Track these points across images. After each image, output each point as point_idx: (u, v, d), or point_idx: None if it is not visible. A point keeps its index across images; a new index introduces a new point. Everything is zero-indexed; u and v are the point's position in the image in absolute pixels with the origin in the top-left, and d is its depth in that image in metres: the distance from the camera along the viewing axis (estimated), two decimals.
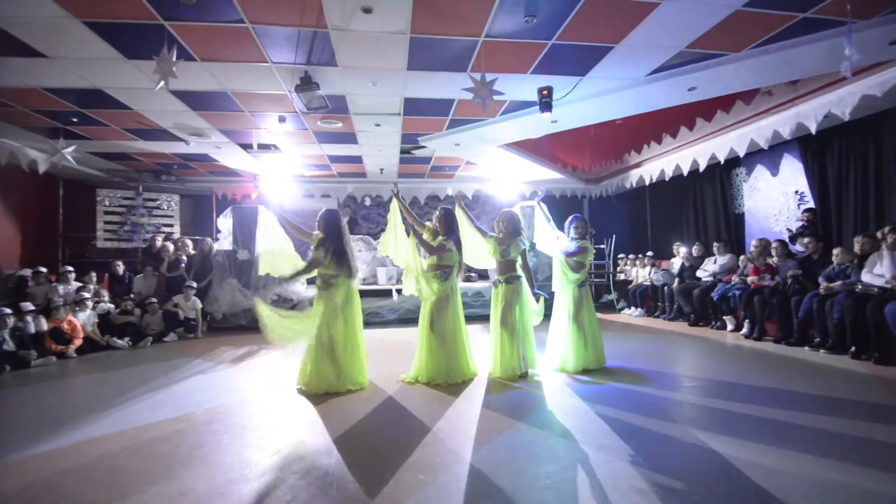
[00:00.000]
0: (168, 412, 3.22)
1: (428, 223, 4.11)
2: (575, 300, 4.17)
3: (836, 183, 6.03)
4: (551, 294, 4.38)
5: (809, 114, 5.41)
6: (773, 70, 4.75)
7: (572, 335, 4.11)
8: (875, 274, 4.50)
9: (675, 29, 4.07)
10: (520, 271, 4.06)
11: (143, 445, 2.65)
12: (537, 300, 4.11)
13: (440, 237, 4.00)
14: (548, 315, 4.32)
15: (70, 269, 6.38)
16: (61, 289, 6.03)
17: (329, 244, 3.72)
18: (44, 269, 6.39)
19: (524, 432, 2.71)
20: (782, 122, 5.79)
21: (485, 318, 4.79)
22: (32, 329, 5.19)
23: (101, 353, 5.64)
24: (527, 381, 3.84)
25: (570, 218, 4.41)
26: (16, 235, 7.66)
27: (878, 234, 4.79)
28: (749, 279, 5.93)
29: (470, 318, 7.46)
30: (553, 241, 4.44)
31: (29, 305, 5.35)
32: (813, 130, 5.46)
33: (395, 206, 4.32)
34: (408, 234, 4.15)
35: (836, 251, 5.05)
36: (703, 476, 2.13)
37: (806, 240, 5.63)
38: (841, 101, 5.05)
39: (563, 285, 4.27)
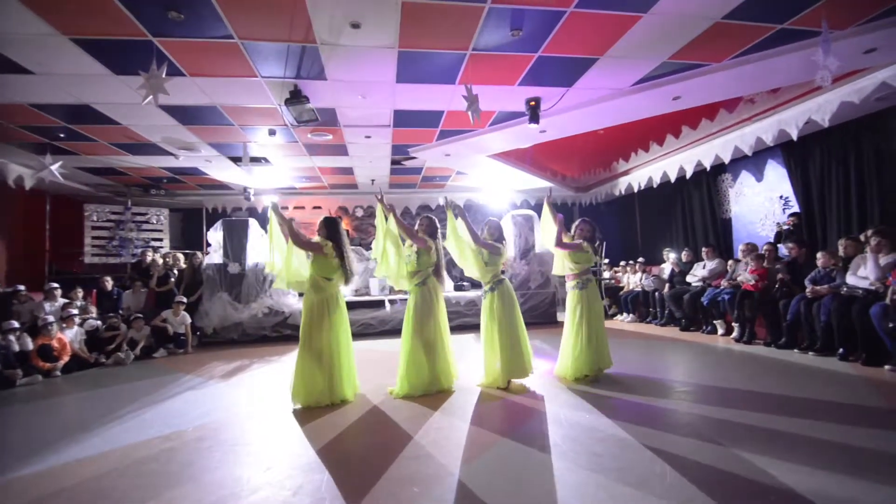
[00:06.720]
0: (157, 430, 3.17)
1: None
2: (575, 304, 4.13)
3: (819, 187, 6.16)
4: None
5: (790, 121, 5.55)
6: (753, 79, 4.87)
7: (571, 341, 4.10)
8: (859, 276, 4.58)
9: (658, 41, 4.17)
10: (502, 275, 4.10)
11: (132, 465, 2.60)
12: None
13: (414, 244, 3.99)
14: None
15: (56, 286, 6.29)
16: (47, 306, 5.94)
17: (332, 243, 3.76)
18: (22, 288, 6.28)
19: (515, 444, 2.70)
20: (765, 129, 5.93)
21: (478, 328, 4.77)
22: (17, 347, 5.09)
23: (89, 370, 5.55)
24: (516, 390, 3.82)
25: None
26: (1, 252, 7.56)
27: (862, 237, 4.88)
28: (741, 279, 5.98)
29: (464, 328, 7.55)
30: (553, 238, 4.32)
31: (14, 324, 5.26)
32: (794, 137, 5.59)
33: (380, 212, 4.34)
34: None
35: (820, 255, 5.14)
36: (700, 488, 2.14)
37: (790, 244, 5.71)
38: (820, 108, 5.18)
39: (568, 286, 4.24)
